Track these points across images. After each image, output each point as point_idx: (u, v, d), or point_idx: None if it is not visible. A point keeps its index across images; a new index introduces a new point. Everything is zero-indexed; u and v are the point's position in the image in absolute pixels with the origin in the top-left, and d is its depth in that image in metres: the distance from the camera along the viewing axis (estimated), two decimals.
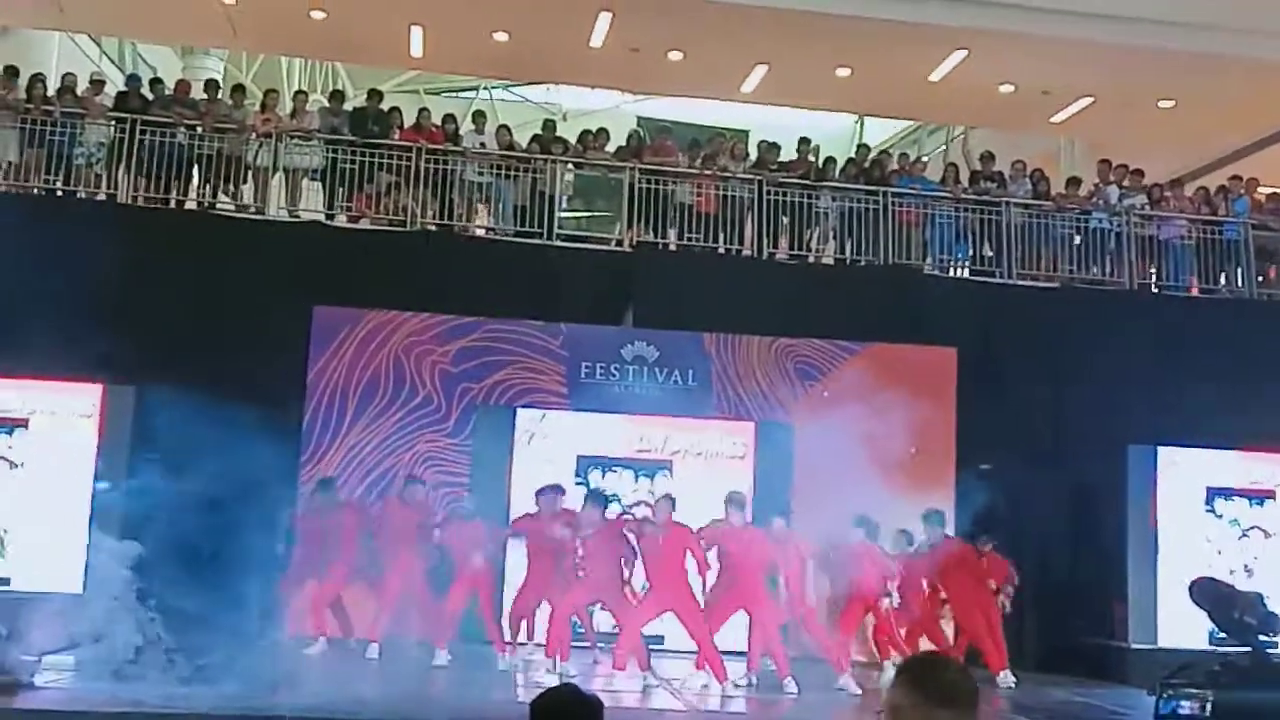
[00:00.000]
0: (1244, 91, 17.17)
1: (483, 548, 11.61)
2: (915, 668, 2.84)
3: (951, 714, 2.68)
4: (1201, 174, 18.77)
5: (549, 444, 13.70)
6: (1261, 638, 5.18)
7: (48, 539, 12.19)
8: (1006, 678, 11.68)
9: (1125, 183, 16.49)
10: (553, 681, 10.03)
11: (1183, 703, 4.90)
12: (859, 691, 10.81)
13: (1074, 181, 16.47)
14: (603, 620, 12.11)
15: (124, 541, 10.57)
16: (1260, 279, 16.19)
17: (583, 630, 12.10)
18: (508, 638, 11.86)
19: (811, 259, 15.70)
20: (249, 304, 13.15)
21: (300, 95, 16.44)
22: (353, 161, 14.80)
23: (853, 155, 17.07)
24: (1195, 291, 16.18)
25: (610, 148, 15.95)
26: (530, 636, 12.10)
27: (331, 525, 11.99)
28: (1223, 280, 16.24)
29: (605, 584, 11.08)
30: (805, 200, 15.49)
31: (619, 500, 13.50)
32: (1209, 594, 5.35)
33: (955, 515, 13.35)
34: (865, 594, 11.37)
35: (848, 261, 15.51)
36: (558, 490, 11.82)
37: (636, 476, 13.71)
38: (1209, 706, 4.84)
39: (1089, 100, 18.36)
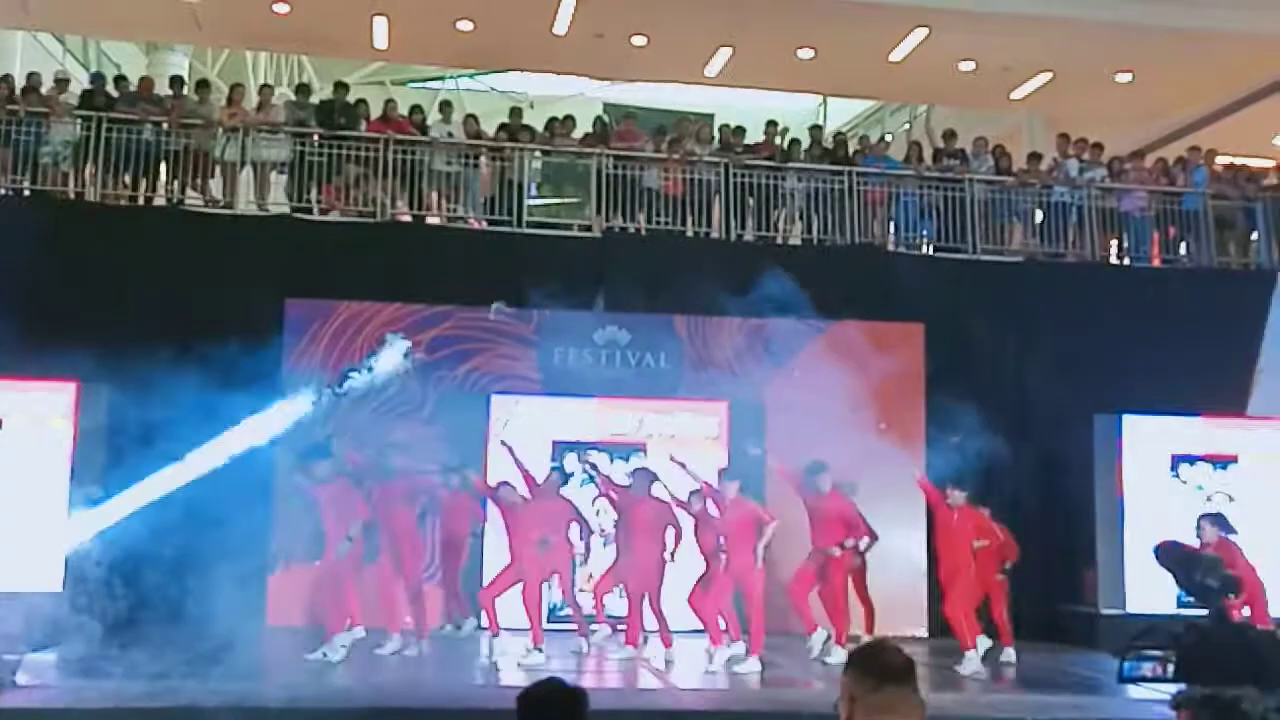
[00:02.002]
0: (1200, 63, 17.42)
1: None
2: (860, 656, 3.20)
3: (896, 687, 3.09)
4: (1160, 146, 19.00)
5: (524, 429, 13.80)
6: (1223, 599, 5.33)
7: (25, 539, 12.21)
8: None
9: (1085, 156, 16.69)
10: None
11: (1145, 665, 5.05)
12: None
13: (1035, 157, 16.67)
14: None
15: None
16: (1219, 248, 16.43)
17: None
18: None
19: (779, 240, 15.85)
20: (221, 299, 13.17)
21: (266, 89, 16.43)
22: (320, 154, 14.84)
23: (820, 138, 17.20)
24: (1156, 262, 16.43)
25: (577, 134, 16.03)
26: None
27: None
28: (1183, 250, 16.49)
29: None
30: (771, 182, 15.63)
31: (595, 483, 13.65)
32: (1173, 556, 5.49)
33: None
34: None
35: (814, 241, 15.67)
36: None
37: (612, 459, 13.82)
38: (1170, 667, 4.99)
39: (1048, 76, 18.58)
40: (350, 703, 8.91)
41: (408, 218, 15.15)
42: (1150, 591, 11.92)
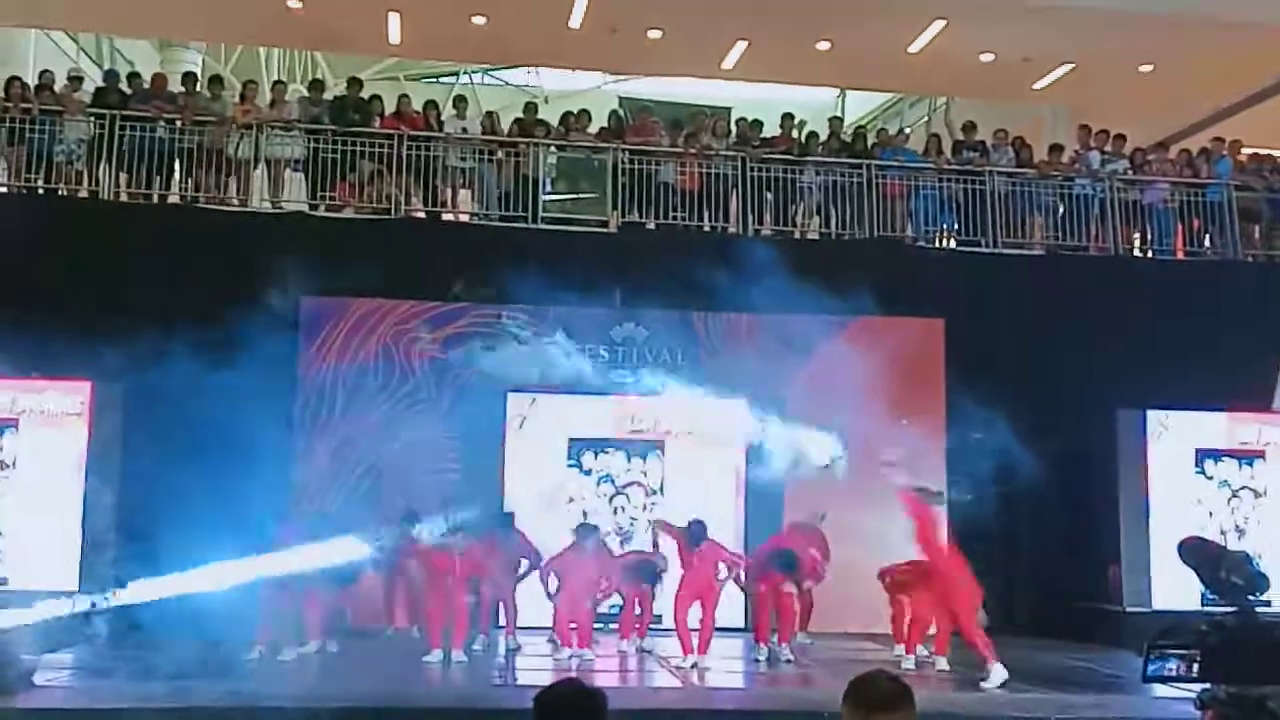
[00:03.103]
0: (1223, 53, 17.20)
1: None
2: (853, 685, 3.27)
3: (885, 716, 3.16)
4: (1183, 137, 18.80)
5: (540, 427, 13.72)
6: (1249, 597, 5.18)
7: (42, 538, 12.22)
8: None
9: (1107, 148, 16.51)
10: None
11: (1169, 663, 4.90)
12: None
13: (1056, 149, 16.49)
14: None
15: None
16: (1244, 240, 16.23)
17: None
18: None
19: (797, 234, 15.71)
20: (235, 297, 13.11)
21: (279, 85, 16.39)
22: (334, 151, 14.78)
23: (840, 131, 17.06)
24: (1180, 254, 16.24)
25: (592, 129, 15.93)
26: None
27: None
28: (1207, 242, 16.29)
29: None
30: (789, 176, 15.50)
31: (613, 480, 13.59)
32: (1197, 553, 5.35)
33: (947, 484, 13.42)
34: None
35: (833, 235, 15.53)
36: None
37: (629, 457, 13.75)
38: (1195, 666, 4.85)
39: (1069, 67, 18.39)
40: (367, 703, 8.84)
41: (422, 214, 15.08)
42: (1175, 588, 11.74)
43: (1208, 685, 4.76)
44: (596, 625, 11.66)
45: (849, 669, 10.40)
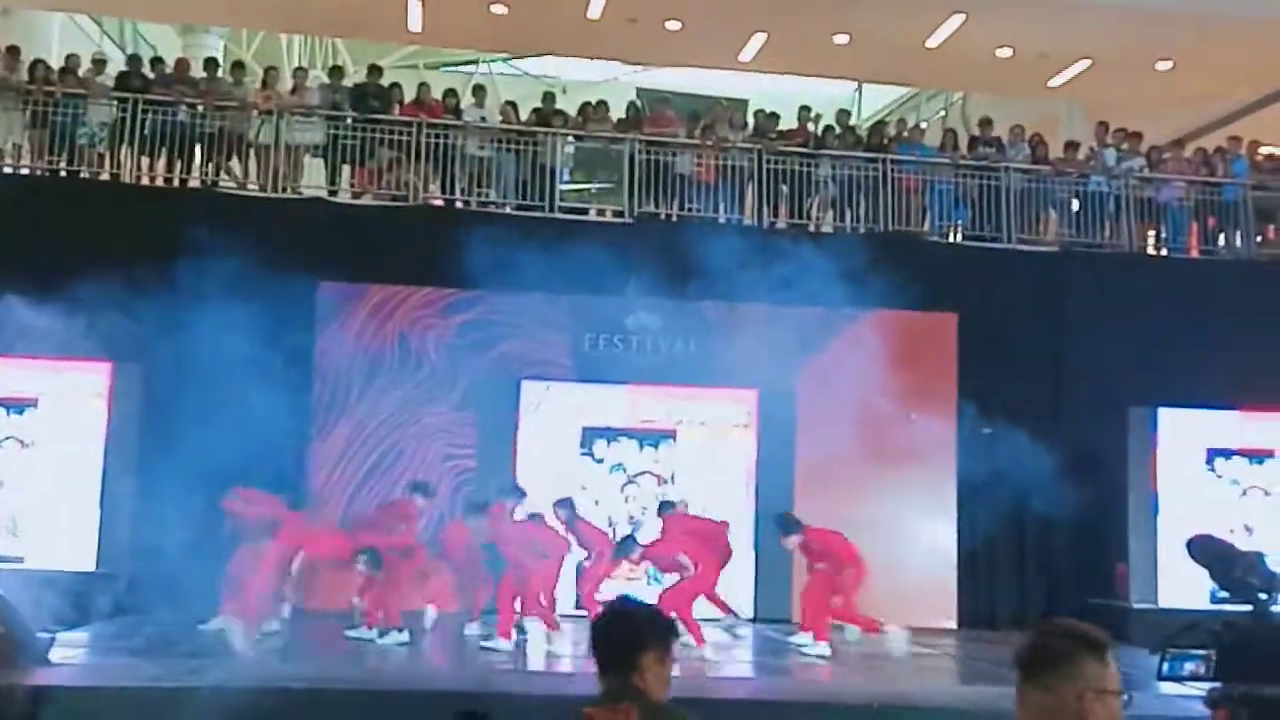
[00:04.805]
0: (1242, 52, 17.18)
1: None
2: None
3: (1020, 676, 2.96)
4: (1200, 135, 18.78)
5: (554, 415, 13.81)
6: (1262, 596, 5.23)
7: (59, 517, 12.34)
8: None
9: (1123, 146, 16.51)
10: None
11: (1187, 663, 4.96)
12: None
13: (1072, 145, 16.50)
14: None
15: None
16: (1259, 239, 16.24)
17: None
18: None
19: (812, 227, 15.75)
20: (254, 281, 13.17)
21: (300, 72, 16.45)
22: (354, 137, 14.85)
23: (848, 123, 17.08)
24: (1195, 253, 16.25)
25: (610, 119, 15.97)
26: None
27: None
28: (1222, 241, 16.31)
29: None
30: (804, 169, 15.53)
31: (624, 469, 13.68)
32: (1208, 551, 5.38)
33: (957, 480, 13.49)
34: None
35: (847, 229, 15.57)
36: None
37: (641, 446, 13.83)
38: (1212, 666, 4.91)
39: (1087, 63, 18.37)
40: (380, 685, 8.93)
41: (440, 201, 15.15)
42: (1183, 586, 11.81)
43: (1219, 684, 4.80)
44: None
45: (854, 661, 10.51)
